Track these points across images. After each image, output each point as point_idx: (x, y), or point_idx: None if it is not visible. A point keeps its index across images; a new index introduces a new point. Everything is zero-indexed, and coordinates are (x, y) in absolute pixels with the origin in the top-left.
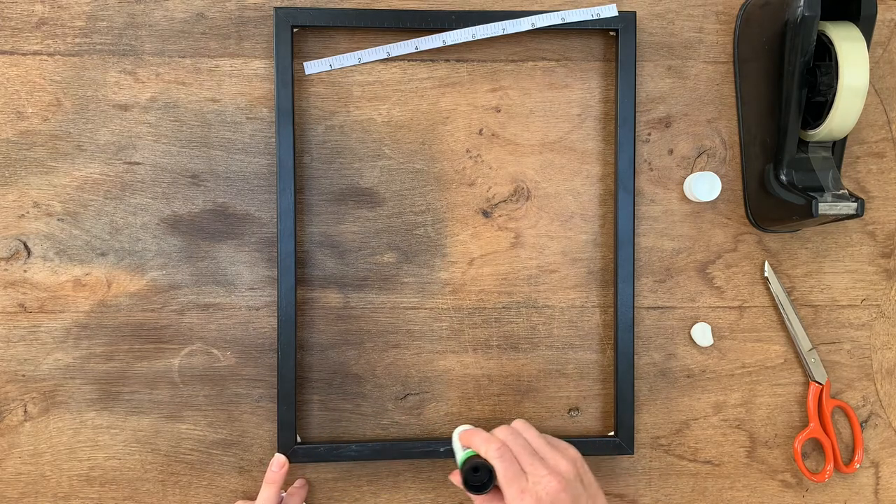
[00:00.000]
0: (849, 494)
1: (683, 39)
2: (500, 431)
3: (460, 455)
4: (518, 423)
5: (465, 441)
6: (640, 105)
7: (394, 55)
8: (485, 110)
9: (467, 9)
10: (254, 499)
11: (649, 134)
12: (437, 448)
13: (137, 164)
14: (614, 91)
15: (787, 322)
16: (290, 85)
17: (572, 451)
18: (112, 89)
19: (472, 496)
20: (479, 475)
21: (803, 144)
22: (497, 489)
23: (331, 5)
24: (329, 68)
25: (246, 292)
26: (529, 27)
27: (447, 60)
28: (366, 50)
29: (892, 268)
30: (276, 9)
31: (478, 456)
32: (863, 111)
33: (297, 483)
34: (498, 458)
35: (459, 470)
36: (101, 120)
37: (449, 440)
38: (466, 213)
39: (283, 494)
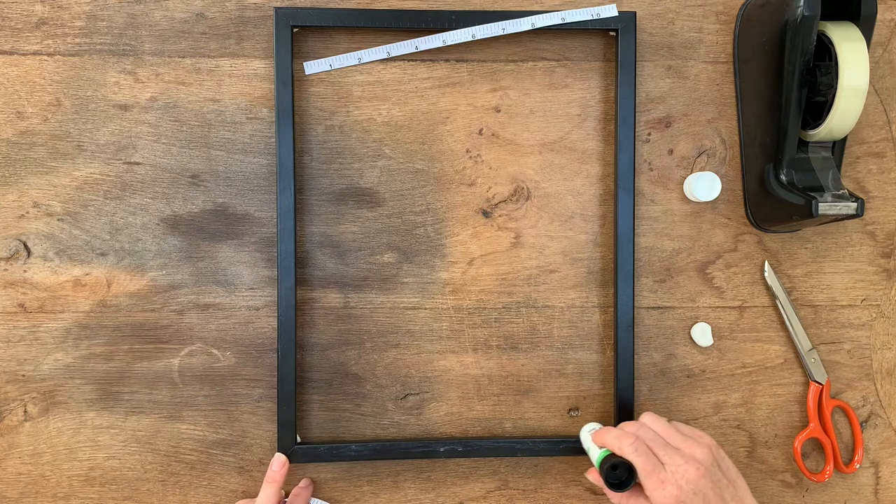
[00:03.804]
0: (849, 494)
1: (683, 39)
2: (630, 426)
3: (595, 454)
4: (646, 417)
5: (597, 440)
6: (640, 105)
7: (394, 55)
8: (485, 110)
9: (467, 9)
10: (254, 499)
11: (649, 134)
12: (437, 448)
13: (137, 164)
14: (614, 91)
15: (787, 322)
16: (290, 85)
17: (706, 438)
18: (112, 89)
19: (613, 494)
20: (619, 472)
21: (803, 144)
22: (637, 485)
23: (331, 5)
24: (329, 68)
25: (246, 292)
26: (529, 27)
27: (447, 60)
28: (366, 50)
29: (892, 268)
30: (276, 9)
31: (614, 454)
32: (863, 111)
33: (302, 483)
34: (633, 452)
35: (598, 469)
36: (101, 120)
37: (449, 440)
38: (466, 213)
39: (286, 500)
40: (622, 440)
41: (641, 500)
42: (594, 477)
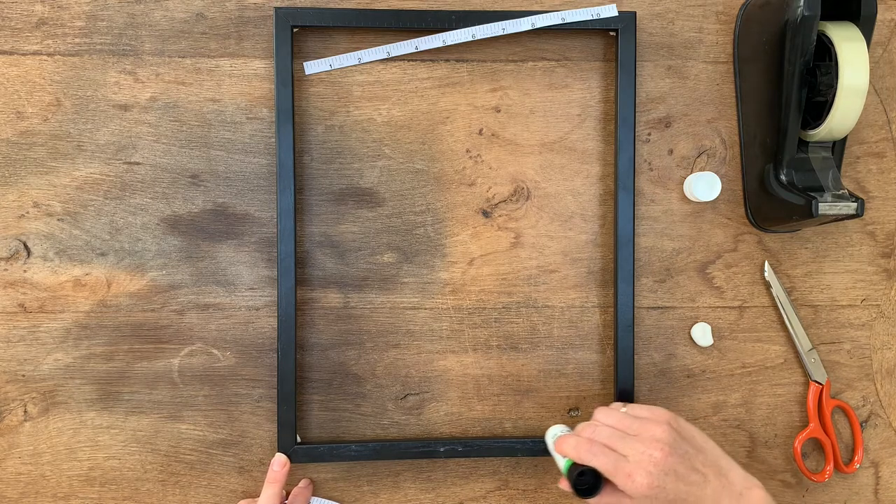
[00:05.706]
0: (849, 494)
1: (683, 39)
2: (585, 430)
3: (561, 463)
4: (598, 413)
5: (558, 451)
6: (640, 105)
7: (394, 55)
8: (485, 110)
9: (467, 9)
10: (256, 498)
11: (649, 134)
12: (437, 448)
13: (137, 164)
14: (614, 91)
15: (787, 322)
16: (290, 85)
17: (663, 414)
18: (112, 89)
19: (584, 502)
20: (586, 478)
21: (803, 144)
22: (610, 485)
23: (331, 5)
24: (329, 68)
25: (246, 292)
26: (529, 27)
27: (447, 60)
28: (366, 50)
29: (892, 268)
30: (276, 9)
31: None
32: (863, 111)
33: (302, 483)
34: (592, 456)
35: (566, 478)
36: (101, 120)
37: (449, 440)
38: (466, 213)
39: (286, 501)
40: (579, 448)
41: (620, 497)
42: (564, 486)
